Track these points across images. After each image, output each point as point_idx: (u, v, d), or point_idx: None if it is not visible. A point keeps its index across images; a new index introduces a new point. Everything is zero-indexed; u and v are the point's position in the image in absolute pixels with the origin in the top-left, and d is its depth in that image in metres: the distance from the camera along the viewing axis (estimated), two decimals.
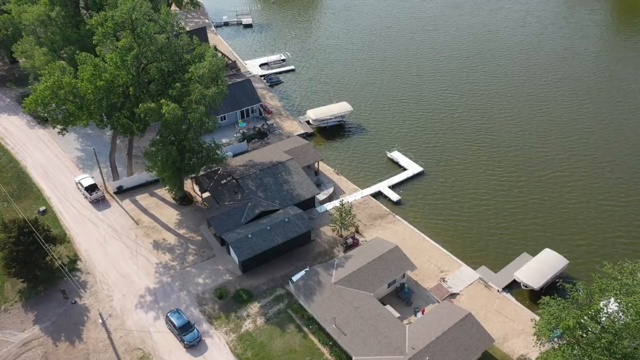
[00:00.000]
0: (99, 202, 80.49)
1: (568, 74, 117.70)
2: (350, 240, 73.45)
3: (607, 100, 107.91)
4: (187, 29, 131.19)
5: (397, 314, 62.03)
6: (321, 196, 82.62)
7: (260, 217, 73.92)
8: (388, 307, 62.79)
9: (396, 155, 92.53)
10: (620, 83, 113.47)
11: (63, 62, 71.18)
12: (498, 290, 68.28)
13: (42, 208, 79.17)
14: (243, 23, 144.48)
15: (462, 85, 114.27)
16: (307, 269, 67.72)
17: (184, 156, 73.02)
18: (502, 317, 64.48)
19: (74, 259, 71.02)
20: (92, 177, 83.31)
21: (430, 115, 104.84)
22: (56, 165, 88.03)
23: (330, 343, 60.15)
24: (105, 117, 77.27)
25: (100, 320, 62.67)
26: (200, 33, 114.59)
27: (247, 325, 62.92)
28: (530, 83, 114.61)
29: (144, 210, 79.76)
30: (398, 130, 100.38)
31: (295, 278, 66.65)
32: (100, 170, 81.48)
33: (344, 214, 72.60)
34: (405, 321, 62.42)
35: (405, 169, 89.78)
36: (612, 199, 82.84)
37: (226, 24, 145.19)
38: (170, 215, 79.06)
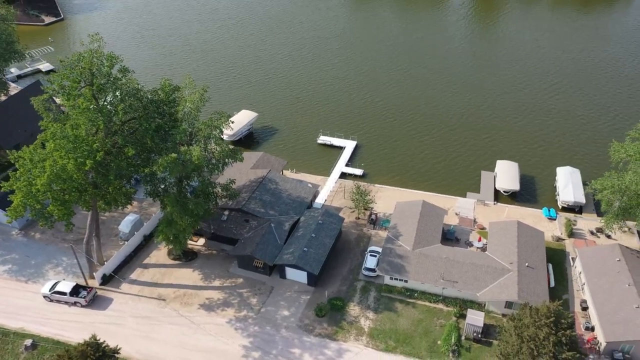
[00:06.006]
0: (94, 301, 66.29)
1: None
2: (373, 217, 77.91)
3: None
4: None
5: (468, 249, 70.79)
6: None
7: (290, 232, 72.31)
8: (457, 248, 70.89)
9: (325, 139, 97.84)
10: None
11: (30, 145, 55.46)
12: (494, 204, 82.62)
13: (27, 342, 61.52)
14: (43, 70, 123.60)
15: (335, 62, 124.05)
16: (370, 253, 70.61)
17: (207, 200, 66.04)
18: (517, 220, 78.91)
19: None
20: (64, 279, 67.58)
21: (327, 95, 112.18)
22: None
23: (440, 297, 65.74)
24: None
25: None
26: (35, 88, 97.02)
27: (365, 323, 63.47)
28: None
29: (155, 284, 69.04)
30: (308, 118, 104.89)
31: (369, 265, 68.92)
32: (80, 267, 66.75)
33: (363, 196, 76.45)
34: None
35: (342, 147, 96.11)
36: (514, 113, 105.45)
37: (19, 77, 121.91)
38: (189, 275, 70.34)
